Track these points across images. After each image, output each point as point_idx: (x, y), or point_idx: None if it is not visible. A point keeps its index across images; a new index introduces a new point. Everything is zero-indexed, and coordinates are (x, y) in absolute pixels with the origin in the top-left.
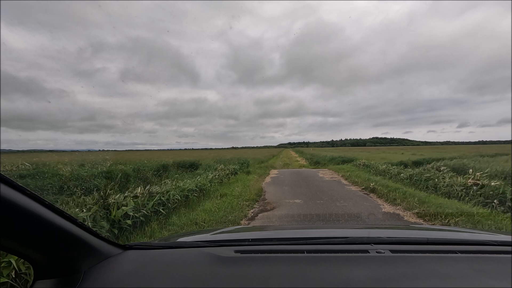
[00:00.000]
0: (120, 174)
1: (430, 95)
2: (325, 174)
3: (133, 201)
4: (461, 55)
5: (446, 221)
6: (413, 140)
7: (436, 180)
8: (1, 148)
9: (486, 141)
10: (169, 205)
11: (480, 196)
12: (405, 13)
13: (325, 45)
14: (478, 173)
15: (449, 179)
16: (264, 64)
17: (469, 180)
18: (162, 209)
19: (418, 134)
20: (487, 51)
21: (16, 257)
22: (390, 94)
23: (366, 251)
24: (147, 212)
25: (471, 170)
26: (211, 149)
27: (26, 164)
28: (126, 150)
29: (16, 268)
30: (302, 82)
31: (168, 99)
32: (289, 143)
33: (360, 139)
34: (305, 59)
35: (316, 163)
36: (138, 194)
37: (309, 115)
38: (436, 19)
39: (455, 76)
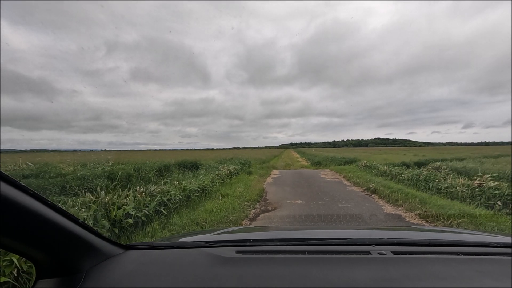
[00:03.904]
0: (122, 174)
1: (439, 95)
2: (326, 174)
3: (134, 201)
4: (476, 55)
5: (449, 222)
6: (416, 141)
7: (438, 181)
8: (5, 148)
9: (489, 142)
10: (171, 205)
11: (484, 197)
12: (422, 13)
13: (337, 45)
14: (486, 176)
15: (451, 180)
16: (273, 64)
17: (475, 182)
18: (164, 209)
19: (422, 135)
20: (503, 51)
21: (18, 256)
22: (399, 95)
23: (368, 252)
24: (149, 212)
25: (479, 174)
26: (212, 149)
27: (29, 163)
28: (128, 150)
29: (18, 267)
30: (311, 83)
31: (176, 99)
32: (291, 144)
33: (362, 139)
34: (315, 59)
35: (318, 163)
36: (139, 194)
37: (315, 116)
38: (453, 19)
39: (467, 77)
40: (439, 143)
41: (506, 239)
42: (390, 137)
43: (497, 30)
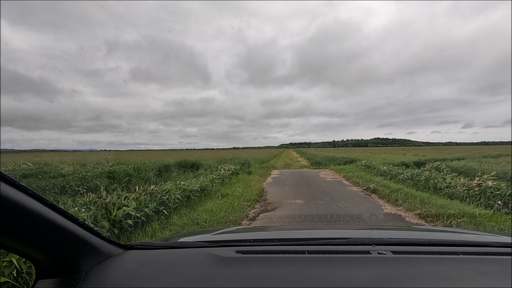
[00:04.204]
0: (121, 174)
1: (439, 95)
2: (326, 174)
3: (134, 201)
4: (476, 55)
5: (448, 222)
6: (415, 141)
7: (437, 180)
8: (5, 148)
9: (488, 141)
10: (170, 205)
11: (483, 197)
12: (423, 13)
13: (338, 45)
14: (485, 175)
15: (450, 180)
16: (273, 64)
17: (474, 182)
18: (163, 209)
19: (422, 134)
20: (504, 51)
21: (18, 256)
22: (400, 95)
23: (368, 252)
24: (149, 212)
25: (479, 173)
26: (212, 149)
27: (28, 163)
28: (128, 150)
29: (18, 268)
30: (312, 82)
31: (176, 99)
32: (291, 144)
33: (361, 139)
34: (316, 59)
35: (317, 163)
36: (139, 194)
37: (315, 116)
38: (454, 18)
39: (467, 77)
40: (439, 142)
41: (506, 239)
42: (390, 137)
43: (498, 30)
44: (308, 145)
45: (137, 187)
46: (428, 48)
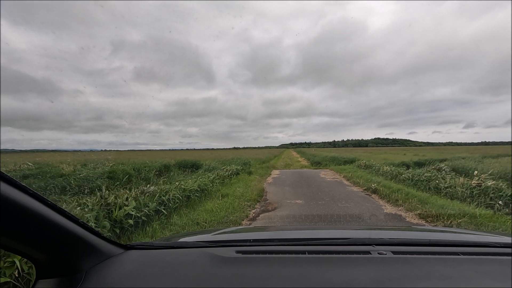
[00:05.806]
0: (122, 174)
1: (441, 95)
2: (326, 174)
3: (135, 201)
4: (481, 55)
5: (449, 222)
6: (416, 141)
7: (438, 181)
8: (5, 148)
9: (489, 142)
10: (170, 205)
11: (483, 197)
12: (428, 12)
13: (342, 44)
14: (483, 175)
15: (450, 180)
16: (276, 64)
17: (473, 182)
18: (163, 209)
19: (422, 134)
20: (507, 50)
21: (20, 257)
22: (402, 95)
23: (368, 252)
24: (149, 212)
25: (476, 172)
26: (212, 149)
27: (29, 163)
28: (128, 150)
29: (20, 268)
30: (314, 82)
31: (178, 99)
32: (291, 144)
33: (362, 139)
34: (319, 59)
35: (318, 163)
36: (139, 194)
37: (316, 116)
38: (459, 18)
39: (471, 76)
40: (439, 143)
41: (506, 239)
42: (391, 137)
43: (504, 28)
44: (308, 145)
45: (137, 187)
46: (432, 47)
